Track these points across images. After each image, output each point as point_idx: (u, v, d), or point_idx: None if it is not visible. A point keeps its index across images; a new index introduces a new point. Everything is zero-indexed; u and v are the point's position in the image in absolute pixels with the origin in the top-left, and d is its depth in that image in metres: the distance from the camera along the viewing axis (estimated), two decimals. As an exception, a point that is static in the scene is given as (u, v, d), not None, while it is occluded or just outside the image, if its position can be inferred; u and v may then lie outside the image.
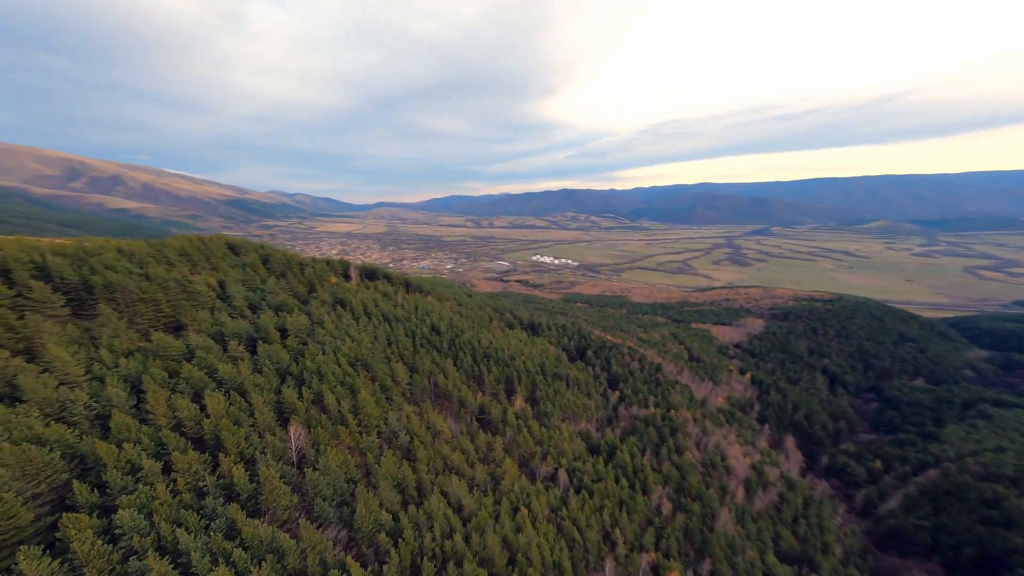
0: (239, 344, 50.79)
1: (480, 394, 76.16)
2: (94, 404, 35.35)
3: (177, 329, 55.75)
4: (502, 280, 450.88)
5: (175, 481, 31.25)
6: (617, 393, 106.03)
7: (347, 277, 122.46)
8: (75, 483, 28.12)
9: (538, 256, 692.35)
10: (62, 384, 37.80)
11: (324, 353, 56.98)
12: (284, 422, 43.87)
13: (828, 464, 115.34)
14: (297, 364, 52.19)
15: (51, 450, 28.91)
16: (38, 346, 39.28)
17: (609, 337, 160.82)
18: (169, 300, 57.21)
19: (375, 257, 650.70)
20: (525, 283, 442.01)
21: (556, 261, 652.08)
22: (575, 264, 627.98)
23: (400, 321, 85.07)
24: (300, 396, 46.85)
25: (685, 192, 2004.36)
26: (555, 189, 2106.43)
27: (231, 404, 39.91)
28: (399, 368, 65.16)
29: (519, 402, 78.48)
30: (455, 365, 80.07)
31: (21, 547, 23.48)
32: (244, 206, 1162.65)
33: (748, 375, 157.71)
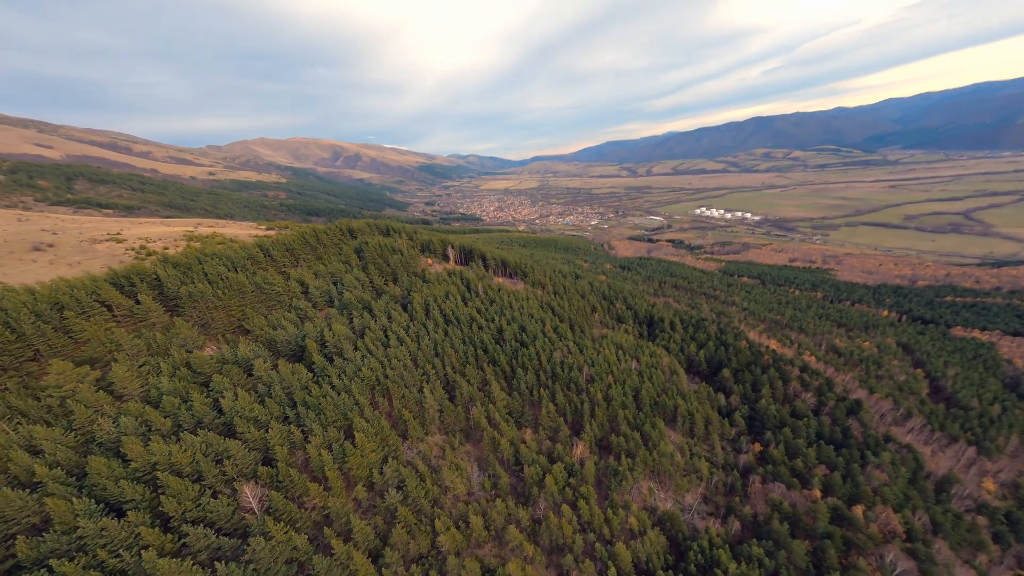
0: (265, 362, 51.39)
1: (529, 430, 62.48)
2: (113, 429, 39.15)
3: (247, 332, 61.47)
4: (649, 239, 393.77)
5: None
6: (757, 447, 74.10)
7: (446, 258, 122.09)
8: None
9: (703, 209, 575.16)
10: (124, 398, 43.86)
11: (343, 377, 53.42)
12: (259, 467, 41.99)
13: None
14: (308, 393, 49.86)
15: None
16: (106, 357, 46.66)
17: (772, 344, 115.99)
18: (243, 304, 63.30)
19: (524, 213, 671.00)
20: (678, 244, 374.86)
21: (728, 215, 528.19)
22: (755, 219, 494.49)
23: (463, 324, 76.88)
24: (289, 435, 44.05)
25: (986, 96, 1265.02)
26: (741, 119, 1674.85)
27: (205, 448, 39.44)
28: (431, 394, 57.44)
29: (580, 449, 61.30)
30: (509, 386, 67.82)
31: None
32: (431, 170, 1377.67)
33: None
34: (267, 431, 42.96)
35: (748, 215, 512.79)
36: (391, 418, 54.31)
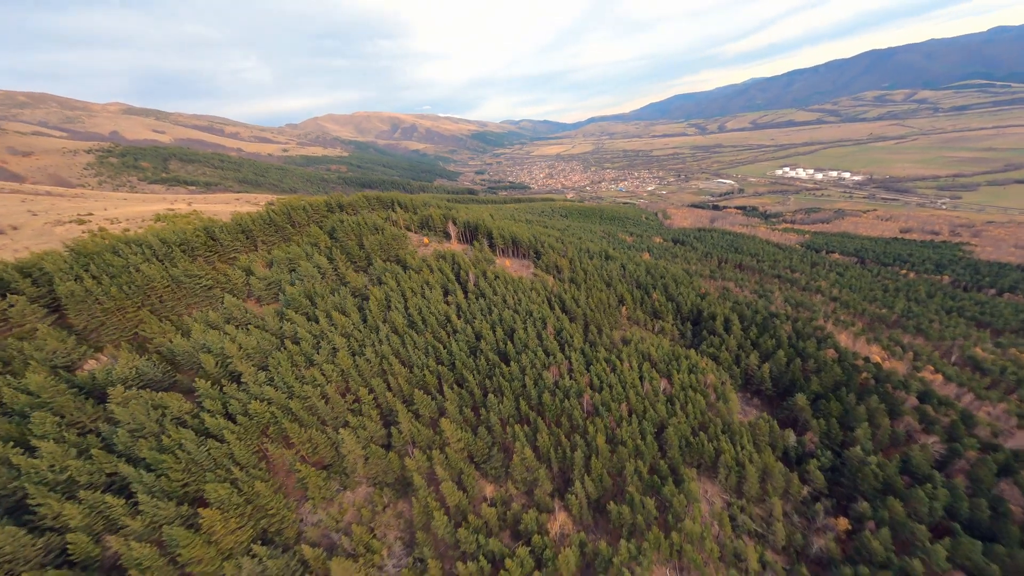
0: (128, 388, 39.17)
1: (492, 487, 45.28)
2: None
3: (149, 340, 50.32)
4: (714, 207, 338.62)
5: None
6: (843, 523, 50.05)
7: (447, 236, 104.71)
8: None
9: (785, 169, 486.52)
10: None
11: (218, 416, 39.70)
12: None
13: None
14: (160, 440, 36.73)
15: None
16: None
17: (875, 353, 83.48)
18: (146, 304, 52.01)
19: (575, 180, 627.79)
20: (749, 211, 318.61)
21: (818, 175, 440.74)
22: (856, 179, 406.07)
23: (432, 327, 60.02)
24: (104, 513, 31.26)
25: None
26: (848, 56, 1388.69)
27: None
28: (351, 436, 42.22)
29: (561, 520, 43.03)
30: (476, 418, 50.47)
31: None
32: (482, 138, 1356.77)
33: None
34: (80, 503, 30.58)
35: (846, 175, 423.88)
36: (290, 474, 40.15)
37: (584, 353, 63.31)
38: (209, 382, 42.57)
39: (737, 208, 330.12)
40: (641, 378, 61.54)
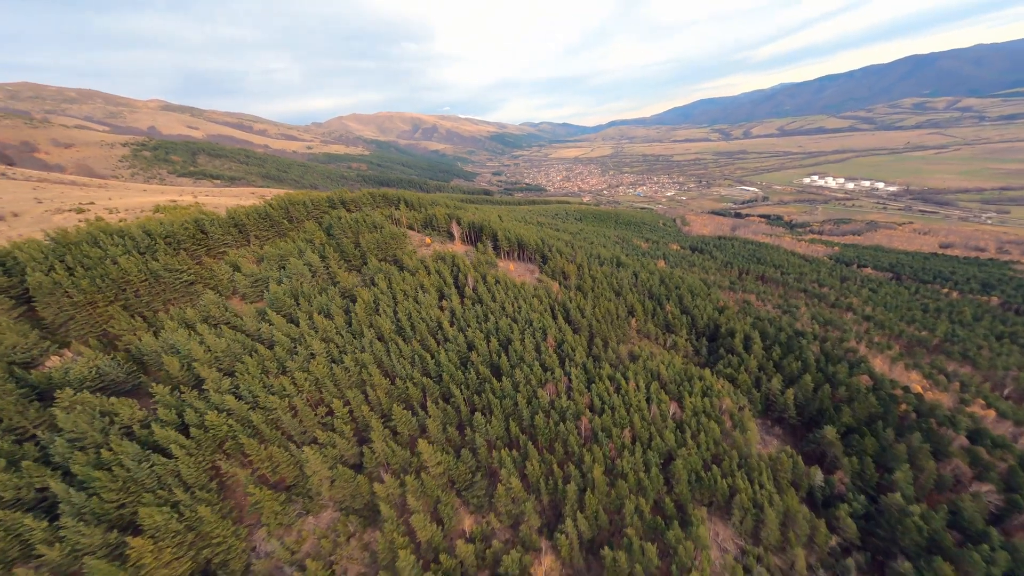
0: (76, 392, 35.97)
1: (470, 519, 40.39)
2: None
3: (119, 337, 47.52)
4: (736, 214, 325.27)
5: None
6: (873, 580, 43.21)
7: (451, 236, 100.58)
8: None
9: (814, 177, 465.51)
10: None
11: (167, 428, 36.09)
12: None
13: None
14: (99, 455, 33.26)
15: None
16: None
17: (915, 381, 74.51)
18: (121, 299, 49.28)
19: (592, 183, 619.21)
20: (774, 220, 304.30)
21: (849, 184, 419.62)
22: (890, 189, 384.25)
23: (420, 335, 55.62)
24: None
25: None
26: (886, 61, 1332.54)
27: None
28: (316, 455, 38.08)
29: (548, 563, 37.75)
30: (461, 437, 45.69)
31: None
32: (502, 139, 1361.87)
33: None
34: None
35: (880, 185, 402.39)
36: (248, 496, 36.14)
37: (586, 369, 57.78)
38: (169, 387, 39.18)
39: (760, 216, 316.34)
40: (648, 400, 55.62)
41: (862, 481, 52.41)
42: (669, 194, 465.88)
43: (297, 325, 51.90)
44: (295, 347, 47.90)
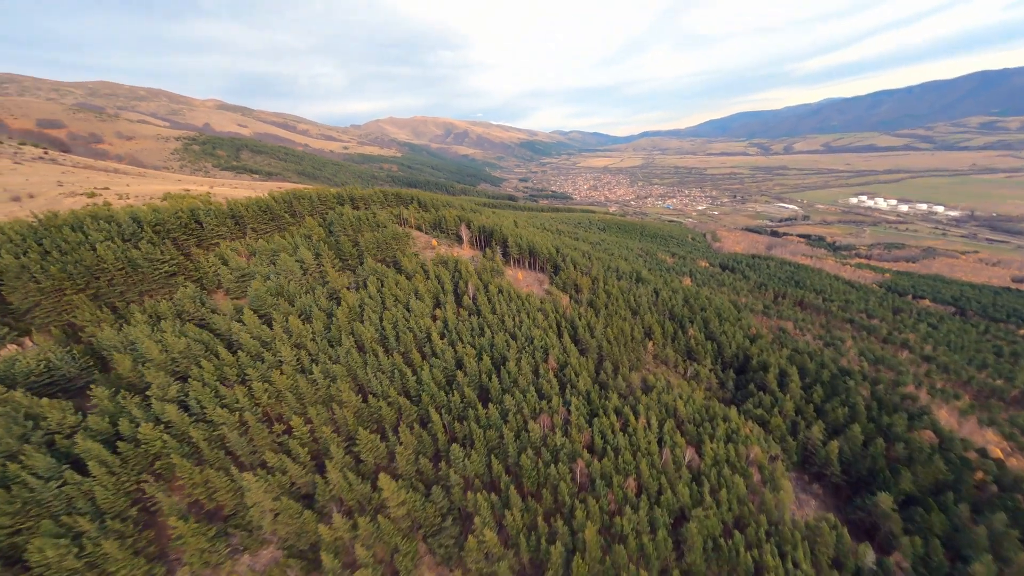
0: (6, 389, 32.35)
1: (437, 570, 33.88)
2: None
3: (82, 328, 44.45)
4: (772, 232, 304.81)
5: None
6: None
7: (459, 240, 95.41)
8: None
9: (862, 197, 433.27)
10: None
11: (92, 437, 31.73)
12: None
13: None
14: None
15: None
16: None
17: (991, 442, 61.23)
18: (95, 287, 46.42)
19: (620, 194, 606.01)
20: (815, 241, 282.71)
21: (903, 207, 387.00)
22: (951, 214, 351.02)
23: (404, 346, 50.02)
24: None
25: None
26: (949, 78, 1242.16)
27: None
28: (257, 483, 32.85)
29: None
30: (435, 471, 39.35)
31: None
32: (531, 147, 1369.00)
33: None
34: None
35: (939, 209, 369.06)
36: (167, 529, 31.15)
37: (589, 399, 50.40)
38: (112, 390, 35.18)
39: (800, 236, 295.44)
40: (660, 442, 47.54)
41: (927, 569, 42.16)
42: (700, 208, 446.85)
43: (271, 327, 47.54)
44: (262, 352, 43.32)
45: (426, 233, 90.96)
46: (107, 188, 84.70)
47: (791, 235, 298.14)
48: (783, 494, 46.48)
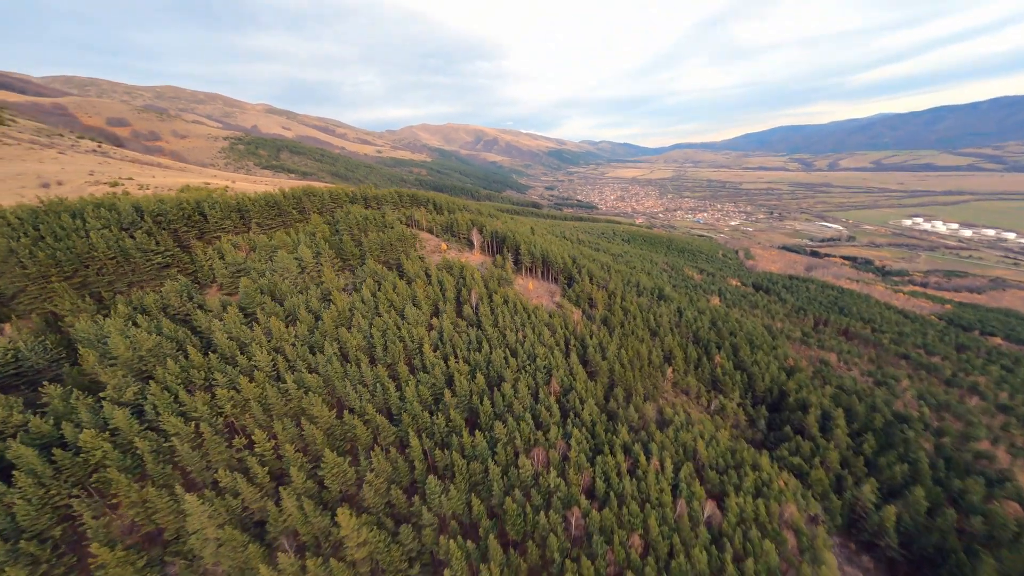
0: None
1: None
2: None
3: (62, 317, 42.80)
4: (813, 253, 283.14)
5: None
6: None
7: (471, 245, 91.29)
8: None
9: (917, 219, 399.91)
10: None
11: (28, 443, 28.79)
12: None
13: None
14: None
15: None
16: None
17: None
18: (82, 276, 44.97)
19: (648, 205, 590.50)
20: (862, 264, 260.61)
21: (965, 231, 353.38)
22: (1022, 241, 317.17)
23: (393, 358, 45.72)
24: None
25: None
26: (1020, 94, 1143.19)
27: None
28: (200, 507, 28.98)
29: None
30: (396, 521, 34.28)
31: None
32: (559, 155, 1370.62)
33: None
34: None
35: (1010, 235, 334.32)
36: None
37: (594, 432, 44.15)
38: (65, 388, 32.59)
39: (844, 258, 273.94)
40: (675, 491, 40.60)
41: None
42: (733, 223, 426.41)
43: (252, 328, 44.48)
44: (235, 355, 40.09)
45: (437, 236, 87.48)
46: (131, 179, 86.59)
47: (834, 256, 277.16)
48: (825, 570, 38.39)
